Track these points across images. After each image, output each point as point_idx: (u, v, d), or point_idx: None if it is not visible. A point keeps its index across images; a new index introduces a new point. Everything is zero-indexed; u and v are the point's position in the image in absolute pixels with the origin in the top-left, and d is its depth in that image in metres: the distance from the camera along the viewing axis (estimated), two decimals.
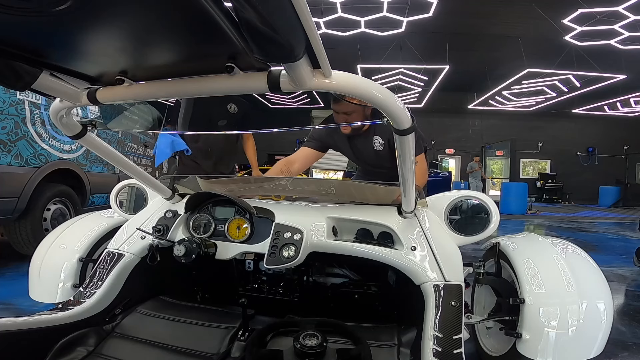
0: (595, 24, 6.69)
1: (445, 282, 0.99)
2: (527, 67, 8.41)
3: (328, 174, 14.64)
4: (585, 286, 1.05)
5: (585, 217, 8.28)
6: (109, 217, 1.53)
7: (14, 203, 2.54)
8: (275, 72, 0.57)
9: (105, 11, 0.47)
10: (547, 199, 13.41)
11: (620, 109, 11.83)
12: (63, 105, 0.76)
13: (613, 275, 2.92)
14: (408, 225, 1.13)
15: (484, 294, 1.41)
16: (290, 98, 12.80)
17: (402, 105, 0.65)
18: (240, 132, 2.35)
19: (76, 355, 0.94)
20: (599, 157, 13.98)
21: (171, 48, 0.59)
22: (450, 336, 0.87)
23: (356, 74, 0.59)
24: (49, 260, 1.34)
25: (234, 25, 0.48)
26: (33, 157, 2.70)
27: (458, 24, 7.76)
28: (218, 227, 1.22)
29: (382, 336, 1.04)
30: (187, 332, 1.05)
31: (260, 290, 1.33)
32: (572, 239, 4.33)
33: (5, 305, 1.94)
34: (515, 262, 1.17)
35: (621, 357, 1.53)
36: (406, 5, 6.59)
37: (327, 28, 7.26)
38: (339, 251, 1.12)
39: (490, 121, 13.79)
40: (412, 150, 0.78)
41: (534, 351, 1.00)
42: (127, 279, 1.17)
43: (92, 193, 3.45)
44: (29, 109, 2.68)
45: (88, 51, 0.60)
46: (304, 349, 0.84)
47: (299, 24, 0.43)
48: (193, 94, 0.67)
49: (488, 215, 1.21)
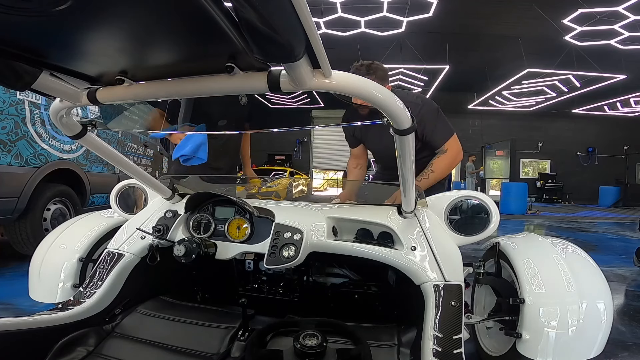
0: (595, 24, 6.70)
1: (445, 282, 0.99)
2: (527, 67, 8.41)
3: (328, 174, 14.66)
4: (585, 286, 1.05)
5: (585, 217, 8.28)
6: (109, 217, 1.53)
7: (14, 203, 2.54)
8: (275, 72, 0.57)
9: (105, 11, 0.47)
10: (547, 199, 13.42)
11: (620, 109, 11.83)
12: (63, 105, 0.76)
13: (613, 275, 2.93)
14: (408, 225, 1.13)
15: (484, 294, 1.41)
16: (290, 98, 12.81)
17: (402, 105, 0.65)
18: (241, 132, 2.34)
19: (76, 355, 0.94)
20: (599, 157, 13.98)
21: (171, 48, 0.59)
22: (450, 336, 0.86)
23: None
24: (49, 260, 1.34)
25: (234, 25, 0.48)
26: (33, 157, 2.70)
27: (458, 24, 7.77)
28: (218, 227, 1.22)
29: (382, 336, 1.04)
30: (187, 332, 1.05)
31: (260, 290, 1.33)
32: (572, 239, 4.33)
33: (5, 305, 1.94)
34: (515, 262, 1.17)
35: (621, 357, 1.53)
36: (406, 5, 6.59)
37: (327, 28, 7.26)
38: (339, 251, 1.12)
39: (490, 121, 13.79)
40: (412, 150, 0.78)
41: (534, 351, 1.00)
42: (127, 279, 1.17)
43: (92, 193, 3.45)
44: (29, 109, 2.68)
45: (88, 51, 0.60)
46: (304, 349, 0.84)
47: (299, 24, 0.43)
48: (193, 94, 0.67)
49: (488, 215, 1.21)
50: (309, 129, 14.88)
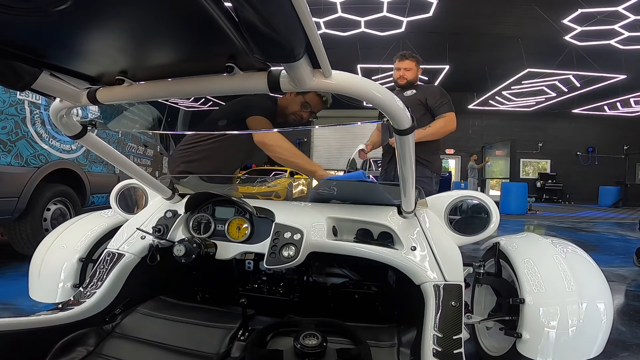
0: (595, 24, 6.69)
1: (445, 282, 0.99)
2: (527, 67, 8.40)
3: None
4: (585, 286, 1.05)
5: (585, 217, 8.28)
6: (109, 217, 1.53)
7: (14, 203, 2.54)
8: (275, 72, 0.57)
9: (105, 11, 0.47)
10: (547, 199, 13.42)
11: (620, 109, 11.83)
12: (63, 105, 0.76)
13: (613, 275, 2.93)
14: (408, 225, 1.13)
15: (484, 294, 1.41)
16: None
17: (402, 105, 0.64)
18: (241, 132, 2.33)
19: (76, 355, 0.94)
20: (599, 157, 13.97)
21: (171, 48, 0.59)
22: (450, 336, 0.86)
23: (356, 74, 0.59)
24: (49, 260, 1.34)
25: (234, 25, 0.48)
26: (33, 157, 2.70)
27: (458, 24, 7.76)
28: (218, 227, 1.22)
29: (382, 336, 1.04)
30: (187, 332, 1.05)
31: (260, 290, 1.33)
32: (572, 239, 4.33)
33: (5, 305, 1.94)
34: (515, 262, 1.17)
35: (621, 357, 1.53)
36: (406, 5, 6.59)
37: (327, 28, 7.26)
38: (339, 251, 1.12)
39: (490, 121, 13.78)
40: (413, 150, 0.78)
41: (534, 351, 1.00)
42: (127, 279, 1.17)
43: (92, 193, 3.45)
44: (29, 109, 2.68)
45: (88, 51, 0.60)
46: (304, 349, 0.84)
47: (299, 24, 0.43)
48: (193, 94, 0.67)
49: (488, 215, 1.21)
50: (309, 129, 14.87)
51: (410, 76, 2.34)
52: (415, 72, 2.36)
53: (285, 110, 1.87)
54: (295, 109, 1.85)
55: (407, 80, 2.34)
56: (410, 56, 2.35)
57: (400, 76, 2.35)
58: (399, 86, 2.40)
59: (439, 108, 2.24)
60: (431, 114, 2.27)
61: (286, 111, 1.87)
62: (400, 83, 2.38)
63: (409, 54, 2.37)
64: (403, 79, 2.35)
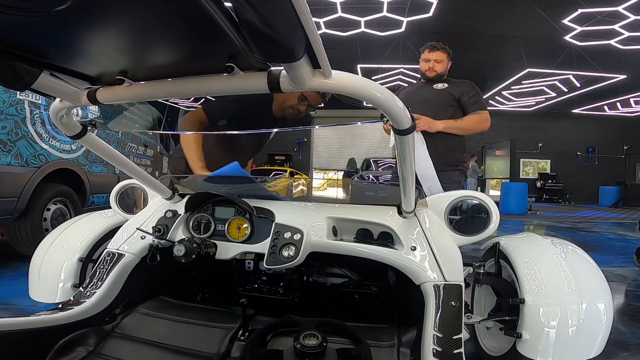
0: (595, 24, 6.69)
1: (445, 282, 0.99)
2: (527, 67, 8.40)
3: (328, 174, 14.65)
4: (585, 286, 1.05)
5: (585, 217, 8.28)
6: (109, 217, 1.53)
7: (14, 203, 2.54)
8: (275, 72, 0.57)
9: (105, 11, 0.47)
10: (547, 199, 13.42)
11: (620, 109, 11.83)
12: (63, 105, 0.76)
13: (613, 275, 2.93)
14: (408, 225, 1.13)
15: (484, 294, 1.41)
16: None
17: (402, 105, 0.65)
18: (241, 132, 2.33)
19: (76, 355, 0.94)
20: (599, 157, 13.97)
21: (171, 48, 0.59)
22: (450, 336, 0.86)
23: (356, 74, 0.59)
24: (49, 260, 1.34)
25: (234, 25, 0.48)
26: (33, 157, 2.70)
27: (458, 24, 7.75)
28: (218, 227, 1.22)
29: (382, 336, 1.04)
30: (187, 332, 1.05)
31: (260, 290, 1.33)
32: (572, 239, 4.33)
33: (5, 305, 1.94)
34: (515, 262, 1.17)
35: (621, 357, 1.54)
36: (406, 5, 6.59)
37: (327, 28, 7.25)
38: (339, 251, 1.12)
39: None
40: (412, 150, 0.78)
41: (534, 351, 1.00)
42: (127, 279, 1.17)
43: (92, 193, 3.45)
44: (29, 109, 2.68)
45: (88, 51, 0.60)
46: (304, 349, 0.84)
47: (299, 24, 0.43)
48: (193, 94, 0.67)
49: (488, 215, 1.21)
50: (309, 129, 14.88)
51: (440, 69, 2.21)
52: (445, 64, 2.24)
53: (283, 104, 1.86)
54: (293, 103, 1.84)
55: (437, 73, 2.21)
56: (441, 47, 2.24)
57: (429, 68, 2.22)
58: (425, 78, 2.27)
59: (473, 105, 2.16)
60: (463, 110, 2.19)
61: (284, 105, 1.85)
62: (429, 75, 2.24)
63: (440, 45, 2.25)
64: (432, 71, 2.22)
